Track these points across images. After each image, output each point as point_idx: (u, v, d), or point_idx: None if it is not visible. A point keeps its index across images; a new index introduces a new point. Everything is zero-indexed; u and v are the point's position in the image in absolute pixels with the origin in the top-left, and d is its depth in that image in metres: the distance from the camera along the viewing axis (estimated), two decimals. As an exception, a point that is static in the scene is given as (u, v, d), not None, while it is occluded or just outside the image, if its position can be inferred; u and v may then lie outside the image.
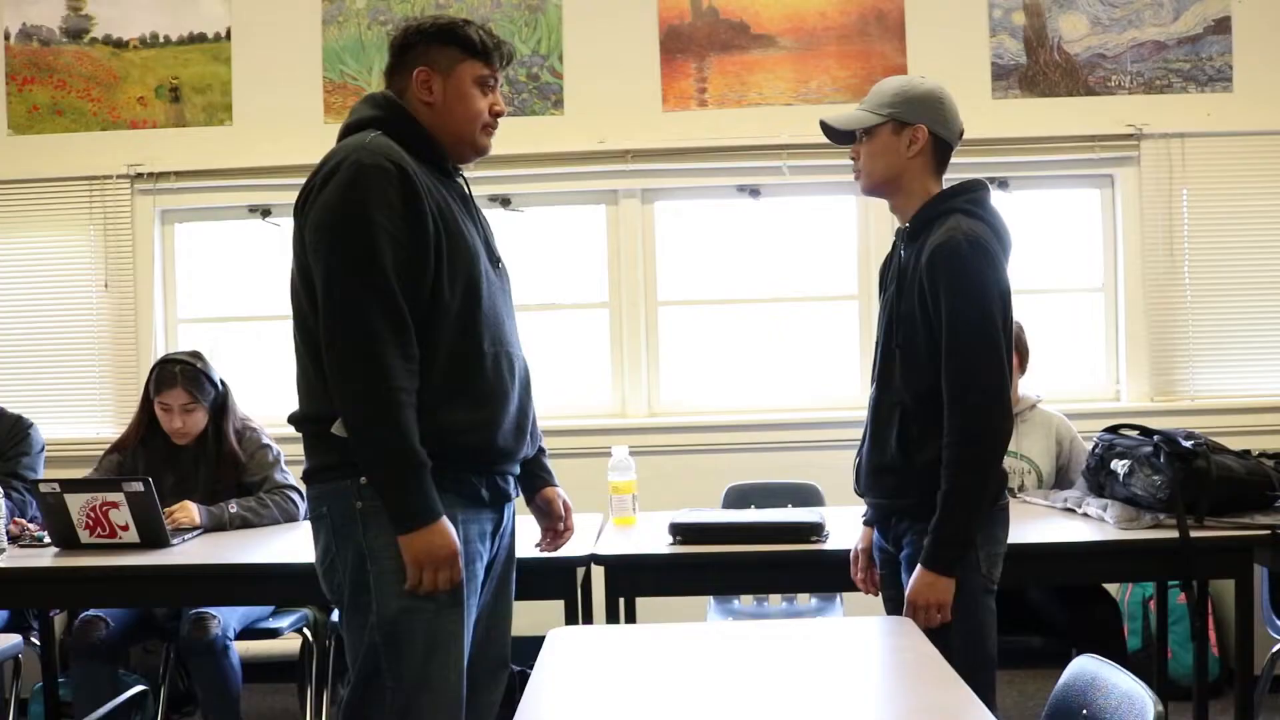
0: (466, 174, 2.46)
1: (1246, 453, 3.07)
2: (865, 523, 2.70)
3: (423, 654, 2.19)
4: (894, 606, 2.56)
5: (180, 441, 3.55)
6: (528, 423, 2.40)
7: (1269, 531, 2.82)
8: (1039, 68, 4.73)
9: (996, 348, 2.36)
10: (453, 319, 2.23)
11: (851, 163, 2.60)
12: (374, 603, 2.19)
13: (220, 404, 3.59)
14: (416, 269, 2.19)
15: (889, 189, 2.56)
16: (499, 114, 2.41)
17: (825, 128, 2.60)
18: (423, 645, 2.19)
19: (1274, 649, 3.55)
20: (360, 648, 2.22)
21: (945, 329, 2.37)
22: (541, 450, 2.58)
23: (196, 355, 3.61)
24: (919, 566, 2.36)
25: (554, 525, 2.62)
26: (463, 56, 2.36)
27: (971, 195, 2.50)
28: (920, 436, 2.42)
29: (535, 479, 2.59)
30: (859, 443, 2.63)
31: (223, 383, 3.61)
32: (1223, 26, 4.69)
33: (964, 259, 2.36)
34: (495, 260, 2.40)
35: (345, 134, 2.36)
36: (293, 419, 2.30)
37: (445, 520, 2.16)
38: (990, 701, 2.35)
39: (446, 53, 2.36)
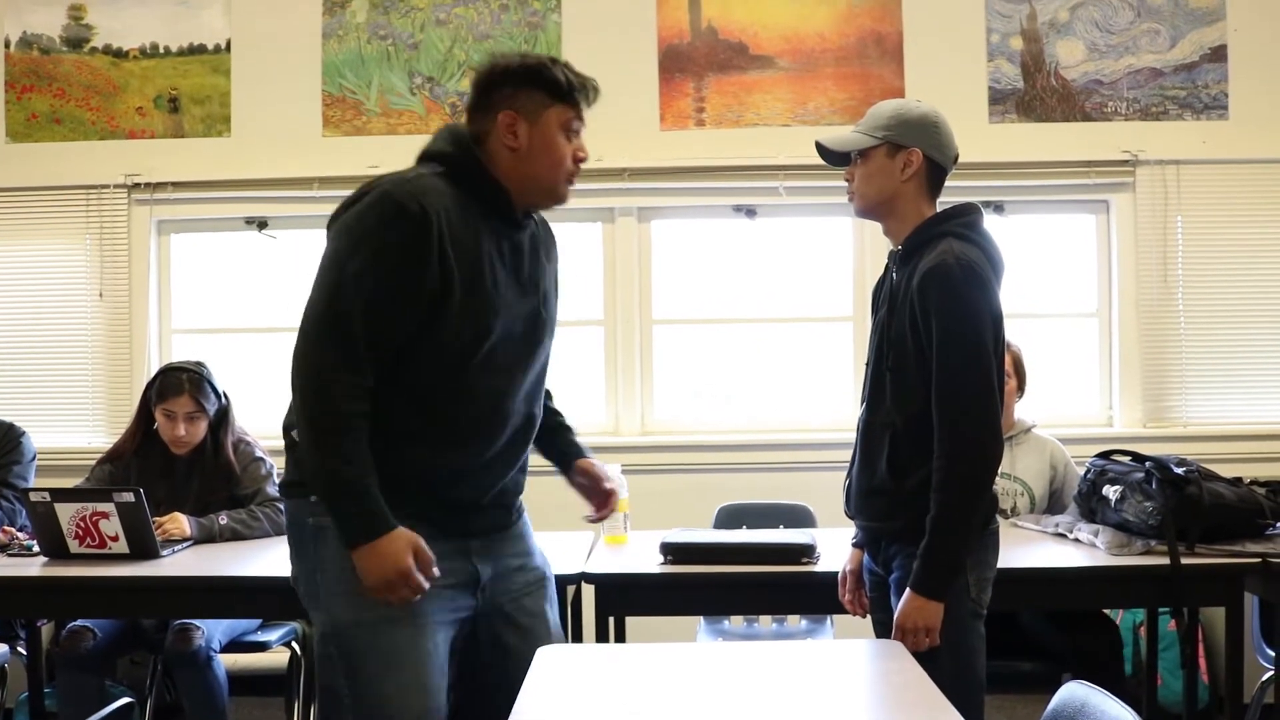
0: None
1: (1238, 480, 3.08)
2: (854, 545, 2.70)
3: (379, 671, 2.17)
4: (883, 630, 2.55)
5: (179, 451, 3.54)
6: (505, 475, 2.35)
7: (1260, 559, 2.82)
8: (1036, 93, 4.75)
9: (987, 371, 2.36)
10: (446, 363, 2.21)
11: (846, 184, 2.59)
12: (324, 614, 2.22)
13: (222, 415, 3.58)
14: (403, 306, 2.16)
15: (882, 211, 2.56)
16: (582, 160, 2.36)
17: (820, 149, 2.60)
18: (377, 662, 2.17)
19: (1264, 677, 3.55)
20: (320, 660, 2.24)
21: (936, 351, 2.36)
22: (568, 429, 2.60)
23: (201, 364, 3.60)
24: (908, 590, 2.35)
25: (597, 488, 2.58)
26: (550, 101, 2.28)
27: (964, 219, 2.50)
28: (911, 459, 2.41)
29: (565, 456, 2.58)
30: (849, 464, 2.63)
31: (225, 394, 3.61)
32: (1219, 54, 4.72)
33: (955, 282, 2.36)
34: (536, 316, 2.33)
35: (420, 160, 2.32)
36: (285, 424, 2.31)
37: (395, 536, 2.12)
38: None
39: (534, 97, 2.28)
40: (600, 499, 2.61)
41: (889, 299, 2.54)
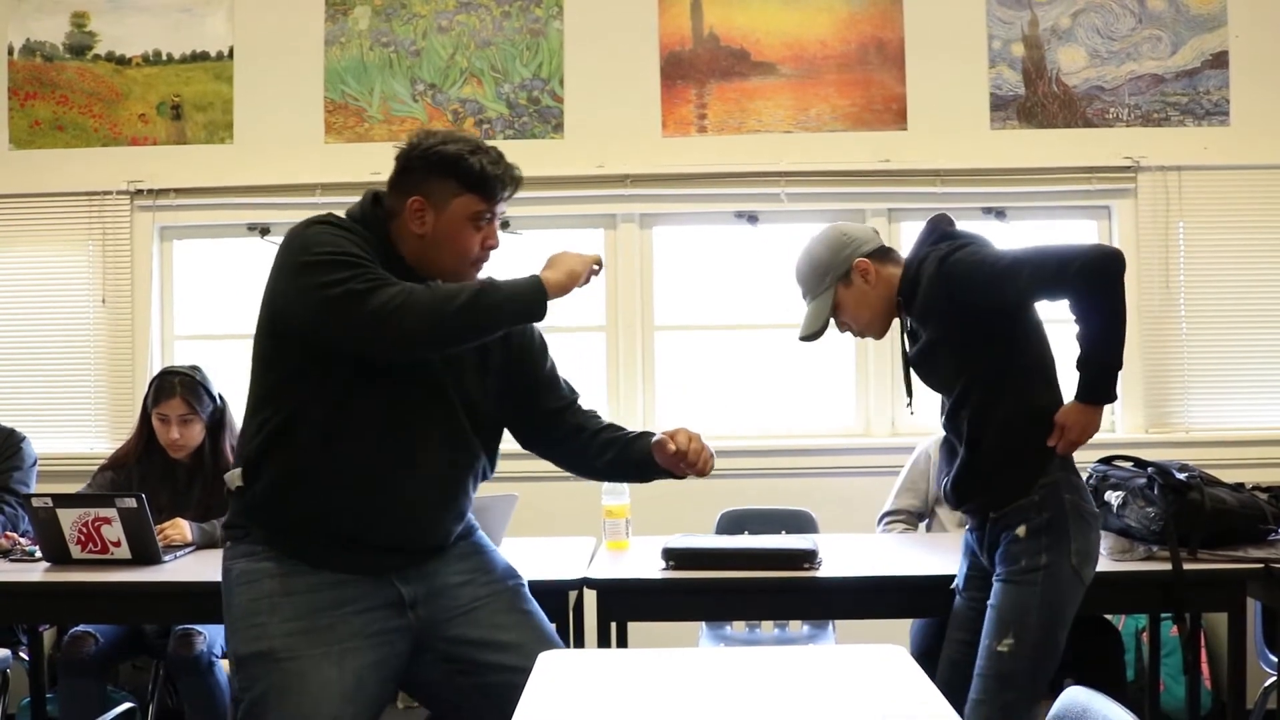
0: None
1: (1240, 486, 3.08)
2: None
3: (273, 702, 2.22)
4: (971, 610, 2.65)
5: (176, 455, 3.54)
6: (423, 522, 2.38)
7: (1262, 565, 2.82)
8: (1037, 99, 4.75)
9: (1024, 253, 2.52)
10: (340, 395, 2.25)
11: (849, 330, 2.81)
12: (231, 650, 2.32)
13: (219, 419, 3.58)
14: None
15: (889, 319, 2.76)
16: (491, 248, 2.37)
17: (806, 339, 2.81)
18: (271, 694, 2.23)
19: (1266, 683, 3.54)
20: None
21: (990, 285, 2.50)
22: (612, 427, 2.60)
23: (196, 368, 3.61)
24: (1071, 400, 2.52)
25: (681, 456, 2.45)
26: (460, 190, 2.30)
27: (930, 246, 2.65)
28: (979, 430, 2.57)
29: (637, 446, 2.53)
30: (940, 474, 2.80)
31: (221, 398, 3.61)
32: (1220, 61, 4.72)
33: (950, 257, 2.55)
34: (438, 381, 2.34)
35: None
36: None
37: (546, 273, 2.28)
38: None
39: (444, 185, 2.30)
40: (685, 463, 2.47)
41: (914, 338, 2.72)
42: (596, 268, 2.38)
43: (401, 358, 2.26)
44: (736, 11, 4.80)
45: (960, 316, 2.56)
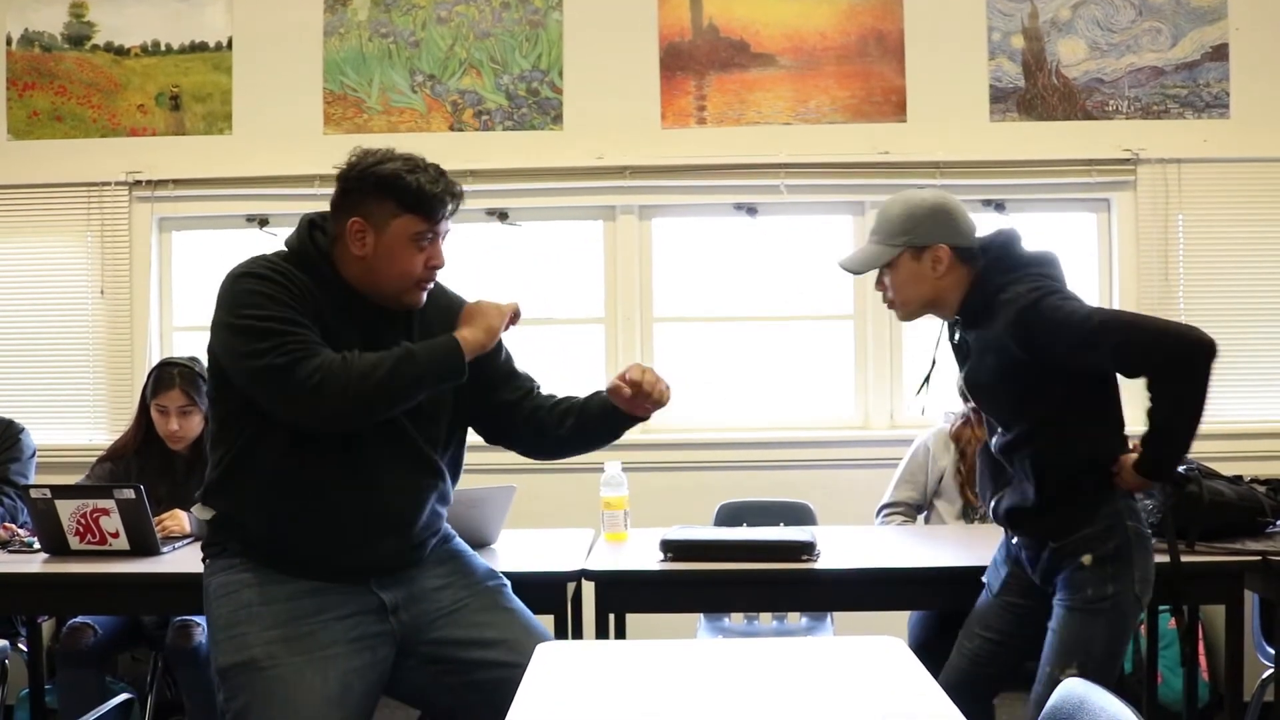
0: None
1: (1238, 478, 3.08)
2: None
3: (258, 711, 2.23)
4: (1007, 613, 2.65)
5: (175, 446, 3.55)
6: (389, 540, 2.38)
7: (1260, 557, 2.82)
8: (1037, 91, 4.75)
9: (1114, 314, 2.52)
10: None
11: (881, 294, 2.65)
12: (214, 661, 2.34)
13: (216, 410, 3.58)
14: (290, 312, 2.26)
15: (930, 310, 2.62)
16: (435, 268, 2.34)
17: (844, 268, 2.64)
18: (256, 702, 2.24)
19: (1264, 675, 3.55)
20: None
21: (1072, 348, 2.41)
22: (568, 397, 2.58)
23: (195, 360, 3.61)
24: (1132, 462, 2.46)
25: (639, 393, 2.44)
26: (399, 211, 2.28)
27: (1011, 272, 2.53)
28: (1047, 470, 2.51)
29: (595, 402, 2.53)
30: (979, 483, 2.80)
31: (219, 389, 3.61)
32: (1220, 53, 4.71)
33: (1037, 305, 2.44)
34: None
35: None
36: None
37: (460, 332, 2.30)
38: None
39: (383, 206, 2.28)
40: (644, 396, 2.46)
41: (964, 354, 2.63)
42: (515, 316, 2.40)
43: (326, 430, 2.27)
44: (736, 3, 4.79)
45: (1032, 364, 2.48)
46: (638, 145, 4.75)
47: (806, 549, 2.93)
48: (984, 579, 2.77)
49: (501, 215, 4.72)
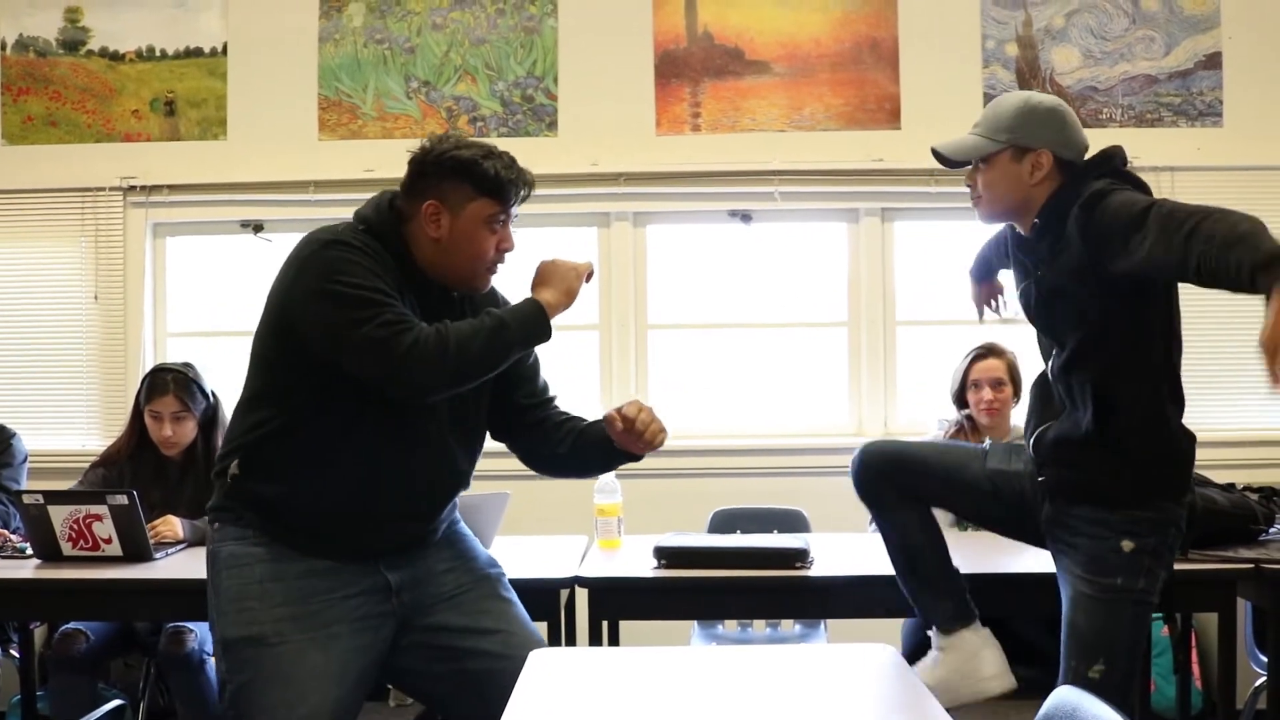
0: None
1: (1231, 486, 3.08)
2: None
3: (261, 687, 2.24)
4: (989, 484, 2.61)
5: (169, 452, 3.54)
6: (410, 525, 2.41)
7: (1253, 565, 2.82)
8: (1031, 99, 4.75)
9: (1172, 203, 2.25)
10: (344, 396, 2.26)
11: (969, 189, 2.52)
12: (218, 633, 2.32)
13: (211, 416, 3.58)
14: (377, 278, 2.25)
15: (1014, 216, 2.49)
16: (507, 250, 2.40)
17: (936, 155, 2.50)
18: (260, 678, 2.24)
19: (1256, 683, 3.55)
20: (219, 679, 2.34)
21: (1126, 230, 2.22)
22: (577, 418, 2.59)
23: (189, 365, 3.61)
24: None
25: (631, 431, 2.44)
26: (475, 195, 2.32)
27: (1096, 179, 2.38)
28: (1114, 407, 2.39)
29: (594, 429, 2.53)
30: (1028, 417, 2.62)
31: (214, 395, 3.61)
32: (1213, 62, 4.73)
33: (1109, 196, 2.30)
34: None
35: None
36: None
37: (539, 293, 2.36)
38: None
39: (459, 189, 2.32)
40: (638, 437, 2.46)
41: (1024, 270, 2.49)
42: (588, 275, 2.43)
43: (416, 401, 2.29)
44: (731, 10, 4.80)
45: (1096, 265, 2.31)
46: (632, 152, 4.75)
47: (800, 556, 2.93)
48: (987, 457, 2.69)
49: (496, 221, 4.71)
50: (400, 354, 2.16)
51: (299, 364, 2.28)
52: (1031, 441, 2.58)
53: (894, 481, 2.65)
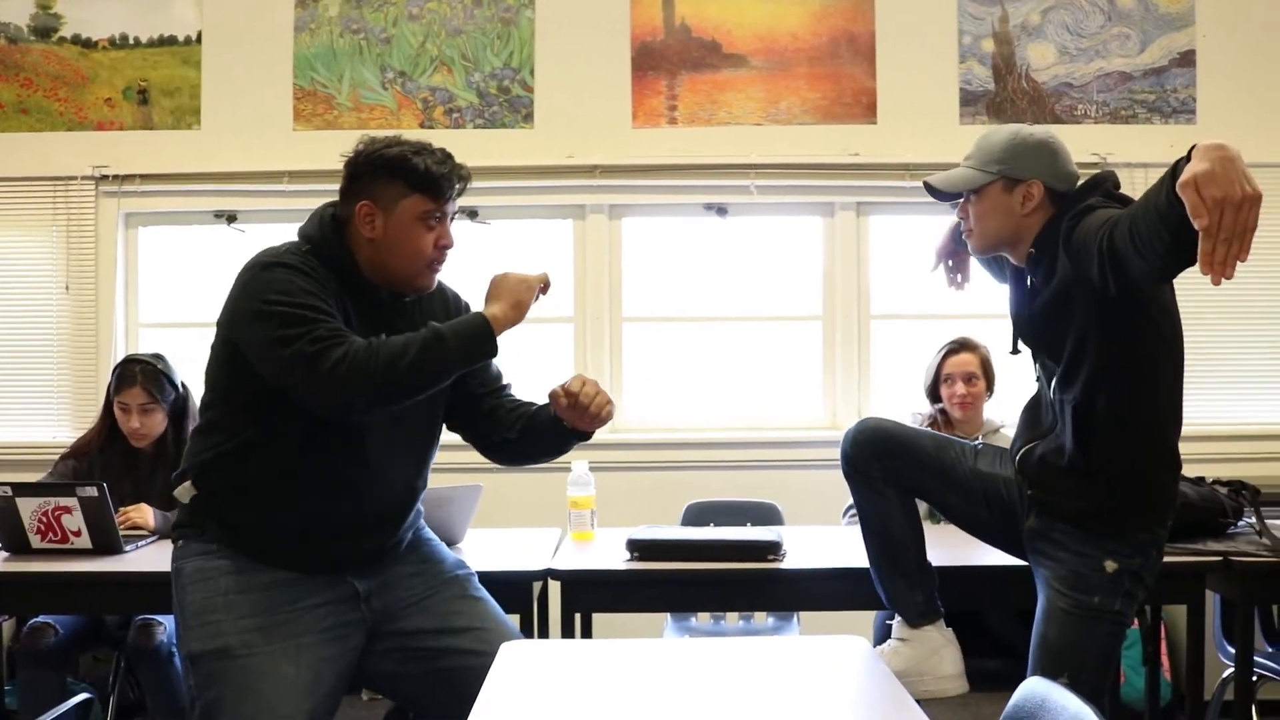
0: None
1: (1200, 479, 3.11)
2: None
3: (231, 701, 2.22)
4: (974, 475, 2.60)
5: (138, 444, 3.52)
6: (369, 538, 2.39)
7: (1221, 558, 2.84)
8: (1007, 95, 4.78)
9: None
10: (296, 416, 2.25)
11: (961, 221, 2.53)
12: (184, 647, 2.31)
13: (181, 407, 3.55)
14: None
15: (1006, 247, 2.50)
16: (445, 248, 2.36)
17: (929, 188, 2.52)
18: (229, 692, 2.22)
19: (1224, 675, 3.58)
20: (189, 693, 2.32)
21: (1097, 231, 2.18)
22: (528, 403, 2.59)
23: (158, 357, 3.58)
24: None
25: (576, 405, 2.44)
26: (407, 191, 2.30)
27: (1084, 207, 2.34)
28: (1096, 433, 2.36)
29: (543, 411, 2.52)
30: (1016, 432, 2.61)
31: (184, 385, 3.58)
32: (1188, 60, 4.76)
33: (1096, 211, 2.27)
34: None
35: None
36: None
37: (488, 307, 2.31)
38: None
39: (391, 187, 2.30)
40: (583, 411, 2.45)
41: (1033, 294, 2.46)
42: (543, 288, 2.40)
43: (354, 416, 2.27)
44: (708, 3, 4.80)
45: (1083, 281, 2.28)
46: (608, 144, 4.75)
47: (773, 549, 2.93)
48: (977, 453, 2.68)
49: (471, 213, 4.70)
50: (326, 369, 2.13)
51: (248, 386, 2.27)
52: (1018, 459, 2.58)
53: (884, 462, 2.63)
